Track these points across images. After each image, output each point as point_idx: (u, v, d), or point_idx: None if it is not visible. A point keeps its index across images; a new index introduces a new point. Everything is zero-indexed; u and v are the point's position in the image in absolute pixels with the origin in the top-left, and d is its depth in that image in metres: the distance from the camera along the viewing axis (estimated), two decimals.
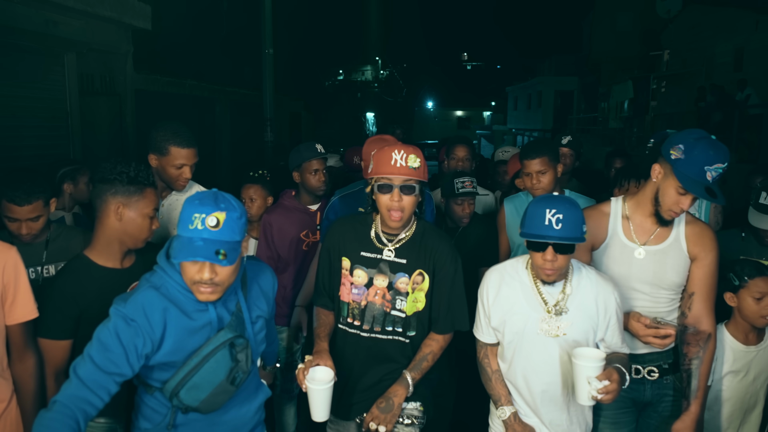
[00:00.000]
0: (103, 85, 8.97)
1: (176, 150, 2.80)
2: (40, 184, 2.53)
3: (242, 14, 14.38)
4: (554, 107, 31.16)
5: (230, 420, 2.06)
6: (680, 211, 2.27)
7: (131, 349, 1.75)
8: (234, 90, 14.61)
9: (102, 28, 8.25)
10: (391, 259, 2.36)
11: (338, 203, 3.24)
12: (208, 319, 1.89)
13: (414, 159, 2.25)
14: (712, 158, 2.16)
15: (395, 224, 2.29)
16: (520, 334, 2.26)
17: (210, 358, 1.87)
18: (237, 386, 1.96)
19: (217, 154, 13.65)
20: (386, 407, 2.29)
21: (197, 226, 1.75)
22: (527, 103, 34.94)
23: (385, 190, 2.26)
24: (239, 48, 14.68)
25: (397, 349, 2.40)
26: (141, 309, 1.79)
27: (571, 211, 2.10)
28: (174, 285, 1.86)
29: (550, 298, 2.24)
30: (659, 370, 2.46)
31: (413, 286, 2.37)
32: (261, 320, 2.09)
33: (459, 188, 3.39)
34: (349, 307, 2.40)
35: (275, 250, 3.45)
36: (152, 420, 1.96)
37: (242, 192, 3.69)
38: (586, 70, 28.02)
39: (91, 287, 2.16)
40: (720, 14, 16.87)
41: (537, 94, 32.71)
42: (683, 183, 2.20)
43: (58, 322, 2.14)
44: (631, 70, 22.83)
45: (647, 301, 2.40)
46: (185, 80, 11.91)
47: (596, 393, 2.01)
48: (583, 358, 2.06)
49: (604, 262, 2.44)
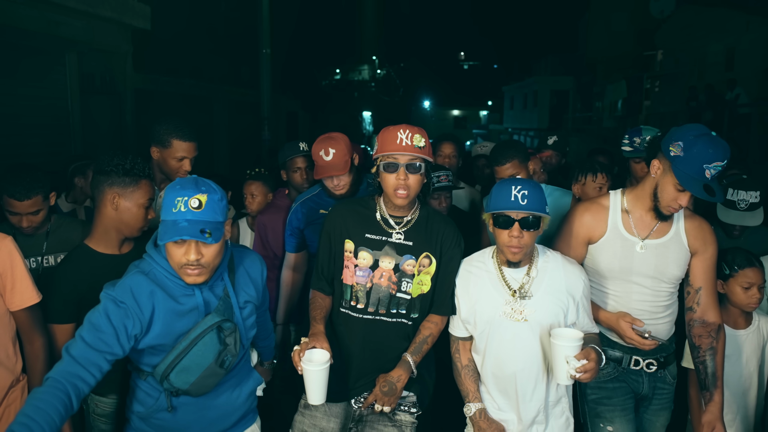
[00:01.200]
0: (103, 85, 9.13)
1: (178, 143, 2.90)
2: (39, 179, 2.60)
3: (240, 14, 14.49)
4: (550, 106, 31.27)
5: (222, 404, 2.09)
6: (679, 207, 2.27)
7: (121, 330, 1.79)
8: (231, 89, 14.72)
9: (103, 29, 8.40)
10: (400, 241, 2.35)
11: (299, 208, 3.20)
12: (194, 304, 1.93)
13: (419, 138, 2.25)
14: (711, 156, 2.13)
15: (401, 202, 2.28)
16: (489, 322, 2.26)
17: (198, 341, 1.90)
18: (227, 369, 1.99)
19: (215, 152, 13.77)
20: (389, 390, 2.29)
21: (180, 208, 1.81)
22: (523, 102, 35.06)
23: (390, 169, 2.24)
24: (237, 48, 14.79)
25: (400, 331, 2.40)
26: (129, 291, 1.83)
27: (536, 189, 2.14)
28: (161, 270, 1.90)
29: (514, 282, 2.25)
30: (657, 363, 2.48)
31: (420, 269, 2.36)
32: (250, 305, 2.11)
33: (434, 183, 3.30)
34: (353, 290, 2.37)
35: (271, 249, 3.48)
36: (145, 403, 2.01)
37: (244, 189, 3.78)
38: (581, 69, 28.18)
39: (90, 273, 2.25)
40: (712, 15, 17.06)
41: (533, 93, 32.83)
42: (681, 181, 2.18)
43: (63, 308, 2.25)
44: (626, 70, 22.99)
45: (648, 295, 2.40)
46: (183, 79, 12.05)
47: (574, 372, 2.03)
48: (560, 338, 2.08)
49: (604, 256, 2.42)
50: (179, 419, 2.01)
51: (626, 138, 3.44)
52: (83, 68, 8.40)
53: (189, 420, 2.03)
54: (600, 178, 3.26)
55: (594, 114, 26.60)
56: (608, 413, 2.46)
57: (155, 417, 2.00)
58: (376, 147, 2.33)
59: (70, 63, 8.11)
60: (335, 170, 2.92)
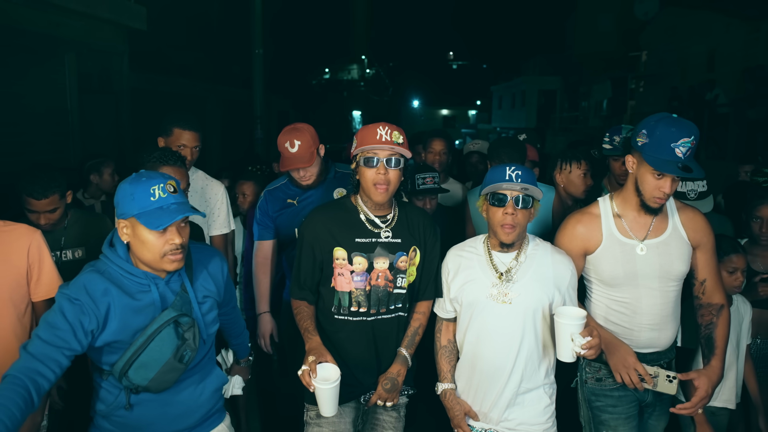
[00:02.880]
0: (100, 84, 9.31)
1: (179, 131, 3.02)
2: (55, 179, 2.70)
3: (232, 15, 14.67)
4: (538, 106, 31.52)
5: (184, 400, 2.07)
6: (664, 196, 2.23)
7: (77, 326, 1.78)
8: (224, 89, 14.89)
9: (100, 29, 8.57)
10: (389, 240, 2.36)
11: (267, 197, 3.19)
12: (151, 300, 1.93)
13: (398, 135, 2.27)
14: (675, 134, 2.14)
15: (381, 197, 2.28)
16: (474, 303, 2.28)
17: (155, 336, 1.90)
18: (186, 364, 1.98)
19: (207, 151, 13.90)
20: (392, 387, 2.35)
21: (160, 195, 1.85)
22: (512, 102, 35.34)
23: (370, 163, 2.25)
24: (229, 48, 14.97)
25: (399, 324, 2.43)
26: (83, 288, 1.83)
27: (529, 172, 2.20)
28: (116, 269, 1.91)
29: (502, 266, 2.28)
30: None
31: (409, 263, 2.40)
32: (210, 300, 2.11)
33: (419, 185, 3.30)
34: (352, 296, 2.35)
35: None
36: (106, 401, 2.00)
37: (236, 188, 3.85)
38: (568, 69, 28.51)
39: None
40: (694, 17, 17.46)
41: (521, 93, 33.14)
42: (655, 165, 2.16)
43: None
44: (612, 70, 23.36)
45: (658, 297, 2.35)
46: (177, 79, 12.23)
47: (579, 349, 2.03)
48: (565, 316, 2.06)
49: (605, 264, 2.36)
50: (140, 416, 2.01)
51: (607, 136, 3.45)
52: (81, 68, 8.59)
53: (151, 417, 2.03)
54: (584, 165, 3.29)
55: (580, 113, 26.96)
56: (613, 421, 2.43)
57: (116, 415, 2.00)
58: (355, 144, 2.34)
59: (69, 63, 8.32)
60: (301, 162, 2.92)
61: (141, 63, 10.21)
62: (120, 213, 1.88)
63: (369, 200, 2.34)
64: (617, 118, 20.49)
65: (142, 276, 1.92)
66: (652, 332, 2.37)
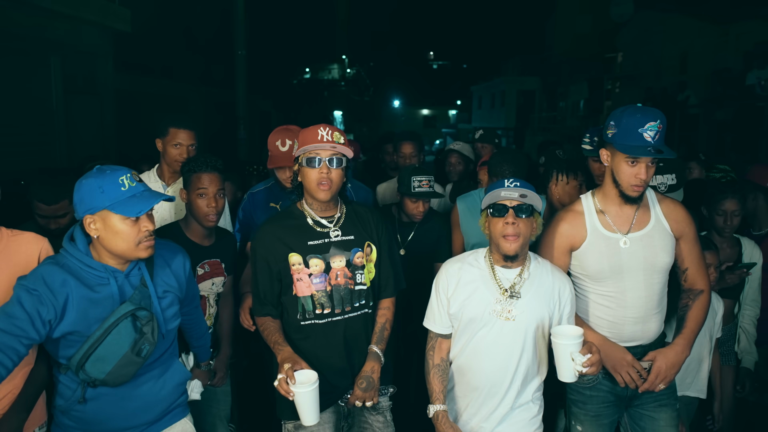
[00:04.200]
0: (85, 85, 9.37)
1: (174, 130, 3.03)
2: (65, 184, 2.70)
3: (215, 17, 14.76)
4: (517, 106, 31.82)
5: (143, 395, 2.07)
6: (641, 183, 2.25)
7: (35, 316, 1.80)
8: (207, 89, 15.00)
9: (86, 31, 8.67)
10: (340, 238, 2.38)
11: (249, 200, 3.21)
12: (109, 292, 1.94)
13: (338, 136, 2.31)
14: (641, 120, 2.19)
15: (324, 196, 2.30)
16: (475, 319, 2.25)
17: (112, 329, 1.90)
18: (144, 358, 1.98)
19: None
20: (368, 386, 2.35)
21: (129, 184, 1.90)
22: (491, 102, 35.67)
23: (313, 163, 2.28)
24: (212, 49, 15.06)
25: (367, 321, 2.45)
26: (41, 279, 1.84)
27: (529, 186, 2.22)
28: (75, 262, 1.92)
29: (506, 281, 2.25)
30: None
31: (366, 258, 2.43)
32: (170, 295, 2.12)
33: (415, 187, 3.24)
34: (314, 299, 2.36)
35: None
36: (64, 396, 2.00)
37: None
38: (547, 70, 28.86)
39: None
40: (667, 20, 17.93)
41: (500, 93, 33.46)
42: (625, 151, 2.21)
43: None
44: (589, 71, 23.77)
45: (642, 290, 2.37)
46: (161, 80, 12.33)
47: (581, 368, 2.01)
48: (563, 337, 2.05)
49: (590, 259, 2.39)
50: (99, 410, 2.00)
51: (587, 137, 3.44)
52: (67, 69, 8.66)
53: (109, 411, 2.01)
54: (580, 177, 3.25)
55: (558, 114, 27.35)
56: (581, 416, 2.50)
57: (74, 409, 1.99)
58: (296, 146, 2.37)
59: (55, 64, 8.39)
60: (289, 161, 2.94)
61: (126, 64, 10.30)
62: (86, 209, 1.89)
63: (314, 201, 2.37)
64: (594, 118, 20.87)
65: (101, 269, 1.93)
66: (636, 325, 2.39)
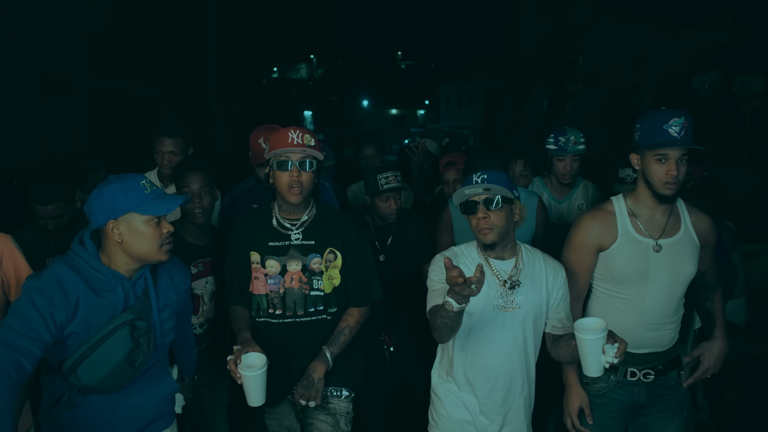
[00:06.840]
0: (62, 87, 9.49)
1: (159, 138, 3.13)
2: (60, 185, 2.83)
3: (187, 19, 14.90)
4: (483, 106, 32.18)
5: (130, 405, 2.06)
6: (674, 179, 2.24)
7: (49, 318, 1.79)
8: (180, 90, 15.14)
9: (63, 34, 8.82)
10: (300, 242, 2.38)
11: (230, 202, 3.20)
12: (114, 299, 1.94)
13: (309, 138, 2.32)
14: (664, 117, 2.22)
15: (295, 199, 2.31)
16: (477, 314, 2.22)
17: (109, 336, 1.90)
18: (137, 368, 1.98)
19: None
20: (308, 384, 2.35)
21: (150, 187, 1.95)
22: (458, 101, 36.08)
23: (283, 166, 2.28)
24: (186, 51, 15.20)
25: (322, 327, 2.44)
26: (55, 281, 1.83)
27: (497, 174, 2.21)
28: (85, 265, 1.92)
29: (503, 273, 2.25)
30: (654, 371, 2.43)
31: (326, 264, 2.41)
32: (169, 309, 2.12)
33: (383, 184, 3.22)
34: (268, 298, 2.39)
35: None
36: (50, 402, 1.99)
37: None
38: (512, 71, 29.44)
39: None
40: (623, 24, 18.67)
41: (467, 93, 33.88)
42: (651, 147, 2.23)
43: None
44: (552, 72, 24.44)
45: (662, 296, 2.37)
46: (136, 81, 12.44)
47: (612, 359, 1.95)
48: (591, 332, 1.97)
49: (618, 262, 2.37)
50: (84, 418, 1.99)
51: (551, 137, 3.51)
52: (43, 72, 8.79)
53: (95, 419, 2.01)
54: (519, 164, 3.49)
55: (523, 114, 27.96)
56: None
57: (60, 416, 1.97)
58: (267, 149, 2.38)
59: (31, 67, 8.52)
60: None
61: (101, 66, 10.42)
62: (110, 214, 1.91)
63: (284, 203, 2.39)
64: (556, 118, 21.47)
65: (110, 275, 1.94)
66: (649, 332, 2.39)
